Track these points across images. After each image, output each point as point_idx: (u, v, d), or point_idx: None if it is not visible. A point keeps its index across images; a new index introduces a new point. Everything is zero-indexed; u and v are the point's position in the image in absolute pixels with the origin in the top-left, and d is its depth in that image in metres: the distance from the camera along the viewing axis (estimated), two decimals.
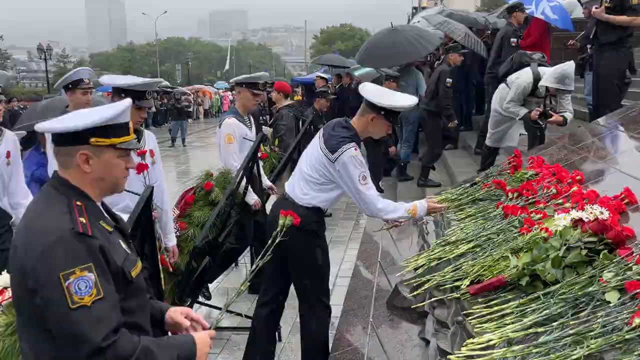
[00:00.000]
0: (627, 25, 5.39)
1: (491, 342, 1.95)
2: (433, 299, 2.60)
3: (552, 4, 6.78)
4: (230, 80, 5.06)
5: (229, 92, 32.42)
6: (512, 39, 6.62)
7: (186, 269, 3.26)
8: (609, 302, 1.92)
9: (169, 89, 23.42)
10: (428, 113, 6.93)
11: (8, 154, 3.24)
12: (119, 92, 2.91)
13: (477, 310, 2.19)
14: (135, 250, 1.67)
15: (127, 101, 1.61)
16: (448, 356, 1.97)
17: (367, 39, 9.55)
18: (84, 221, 1.44)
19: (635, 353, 1.60)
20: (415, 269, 3.00)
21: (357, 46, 51.32)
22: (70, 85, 4.04)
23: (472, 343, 1.96)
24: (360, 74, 10.83)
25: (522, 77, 4.99)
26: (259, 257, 2.06)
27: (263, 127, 7.00)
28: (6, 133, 3.32)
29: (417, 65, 9.32)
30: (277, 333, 3.98)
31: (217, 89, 33.94)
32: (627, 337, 1.69)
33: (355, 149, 2.87)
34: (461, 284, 2.52)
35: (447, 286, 2.59)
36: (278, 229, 2.24)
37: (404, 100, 2.98)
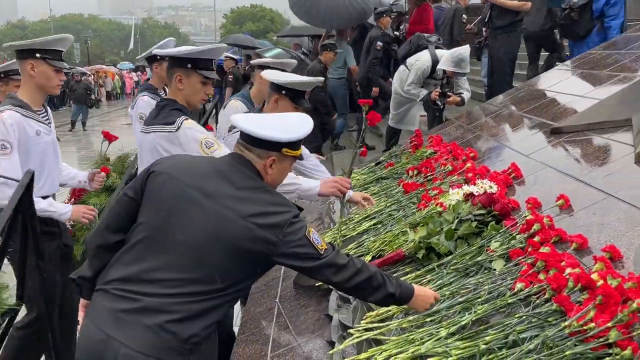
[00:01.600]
0: (518, 10, 5.73)
1: (389, 314, 2.02)
2: None
3: None
4: (253, 62, 4.00)
5: (134, 73, 30.87)
6: (378, 42, 6.65)
7: (82, 259, 3.09)
8: (495, 270, 2.06)
9: (66, 70, 21.81)
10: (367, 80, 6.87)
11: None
12: (183, 64, 2.44)
13: None
14: None
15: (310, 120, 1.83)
16: (349, 330, 2.02)
17: None
18: None
19: (517, 315, 1.72)
20: None
21: (267, 27, 50.70)
22: (158, 57, 3.81)
23: (371, 316, 2.02)
24: (271, 55, 10.65)
25: (421, 60, 5.17)
26: None
27: None
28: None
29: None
30: None
31: (120, 69, 32.15)
32: (509, 301, 1.82)
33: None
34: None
35: None
36: None
37: (305, 78, 2.90)
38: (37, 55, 2.66)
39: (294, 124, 1.80)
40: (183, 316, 1.60)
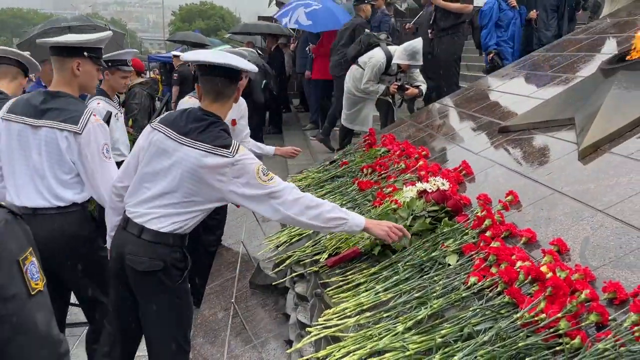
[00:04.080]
0: (460, 13, 5.89)
1: (347, 311, 2.03)
2: (294, 274, 2.64)
3: (309, 10, 6.98)
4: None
5: None
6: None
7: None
8: (449, 265, 2.10)
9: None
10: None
11: None
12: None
13: (334, 282, 2.27)
14: None
15: None
16: (307, 328, 2.01)
17: None
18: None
19: (471, 309, 1.76)
20: (277, 246, 3.02)
21: (217, 25, 49.99)
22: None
23: (329, 313, 2.02)
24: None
25: (376, 57, 5.24)
26: None
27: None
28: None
29: (279, 47, 9.31)
30: None
31: None
32: (463, 295, 1.86)
33: None
34: (320, 258, 2.59)
35: (307, 261, 2.64)
36: None
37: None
38: (85, 53, 2.52)
39: None
40: None
